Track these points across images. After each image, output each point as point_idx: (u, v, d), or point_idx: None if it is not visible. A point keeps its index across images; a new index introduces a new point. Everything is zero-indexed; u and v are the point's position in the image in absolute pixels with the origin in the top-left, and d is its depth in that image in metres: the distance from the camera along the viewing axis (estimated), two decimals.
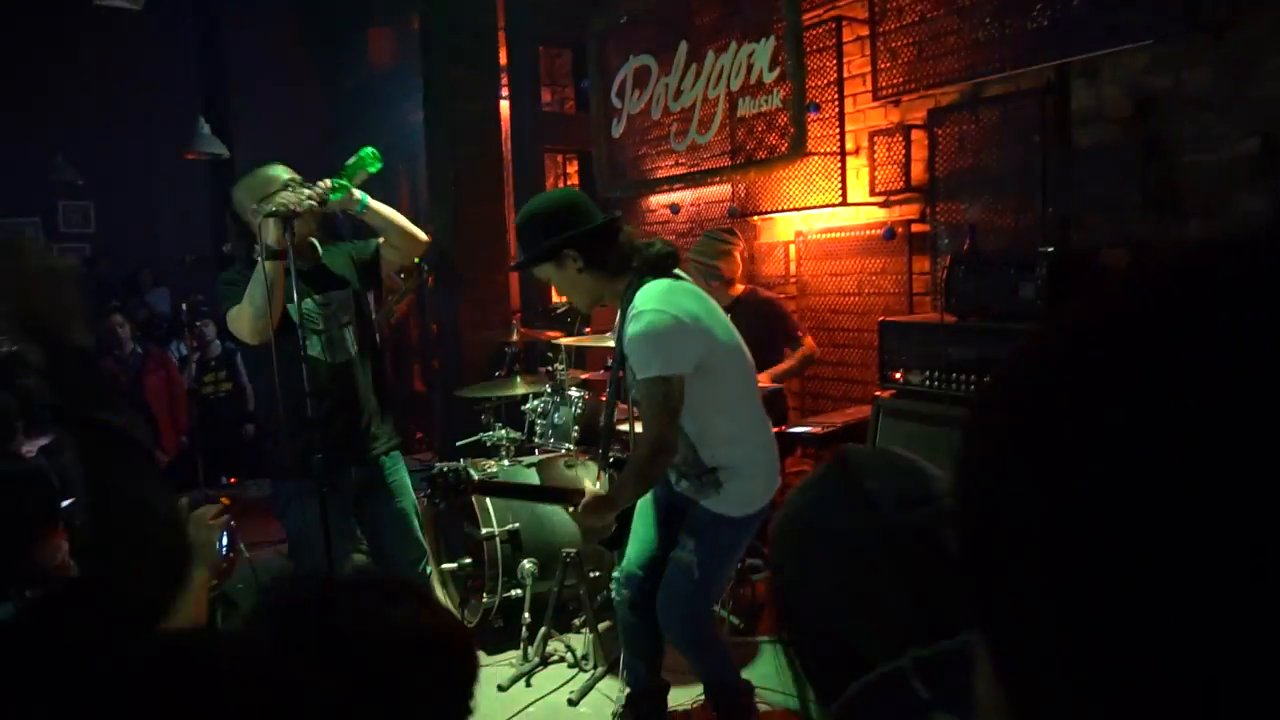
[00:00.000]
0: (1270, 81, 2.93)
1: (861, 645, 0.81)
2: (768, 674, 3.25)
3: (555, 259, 2.51)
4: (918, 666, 0.77)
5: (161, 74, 9.75)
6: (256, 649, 0.77)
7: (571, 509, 2.56)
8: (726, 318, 2.62)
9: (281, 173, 2.83)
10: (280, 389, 2.62)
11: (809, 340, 4.24)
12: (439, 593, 3.77)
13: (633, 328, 2.38)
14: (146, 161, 9.78)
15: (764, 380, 3.86)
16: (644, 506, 2.76)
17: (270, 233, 2.62)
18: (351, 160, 2.79)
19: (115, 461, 1.17)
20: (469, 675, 0.89)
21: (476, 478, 2.78)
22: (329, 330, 2.82)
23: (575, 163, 6.67)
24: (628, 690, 2.87)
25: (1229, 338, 0.27)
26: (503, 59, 6.27)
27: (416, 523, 3.00)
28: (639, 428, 3.73)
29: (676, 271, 2.57)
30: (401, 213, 3.00)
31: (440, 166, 5.81)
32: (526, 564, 3.57)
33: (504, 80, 6.30)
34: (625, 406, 2.93)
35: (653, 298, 2.41)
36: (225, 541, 1.66)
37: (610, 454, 2.84)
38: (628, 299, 2.46)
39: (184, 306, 6.83)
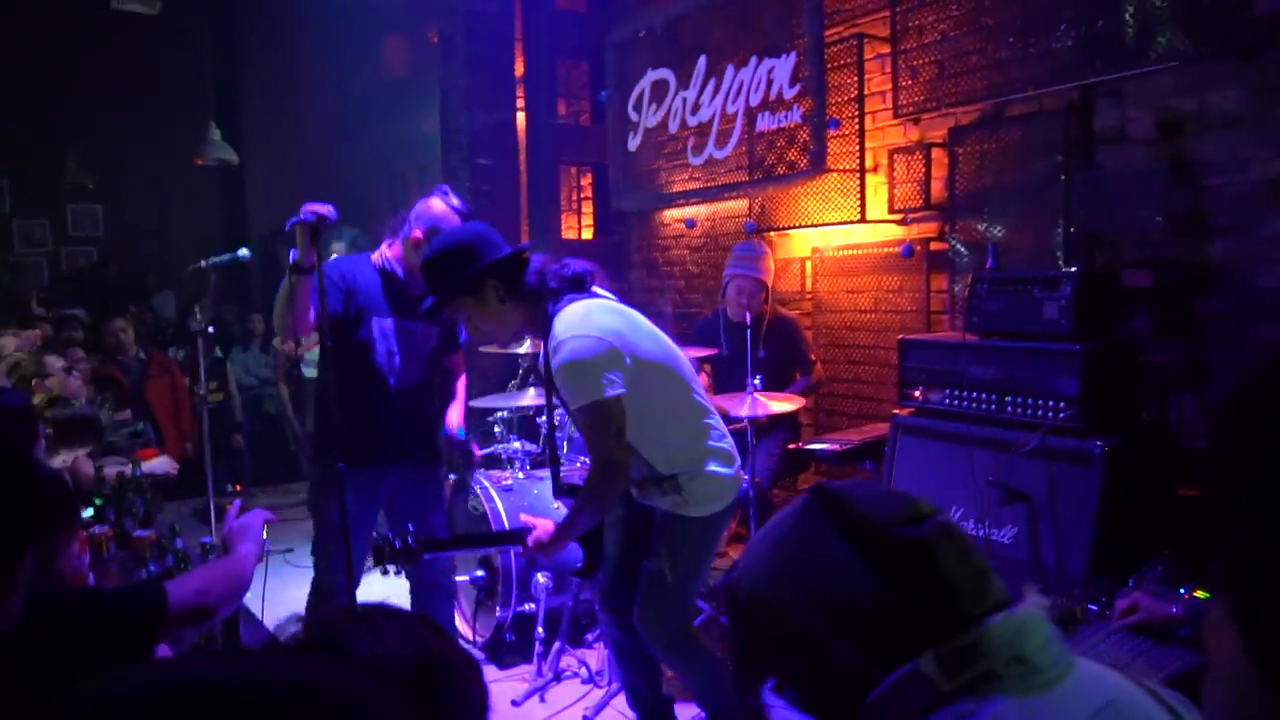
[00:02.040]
0: None
1: (874, 659, 0.87)
2: None
3: (475, 292, 2.46)
4: (937, 660, 0.84)
5: (175, 79, 9.79)
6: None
7: (523, 548, 2.53)
8: (650, 324, 2.60)
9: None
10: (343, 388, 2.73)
11: (819, 366, 4.26)
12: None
13: (557, 359, 2.35)
14: (157, 166, 9.80)
15: (774, 399, 3.84)
16: (610, 525, 2.73)
17: (297, 242, 2.63)
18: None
19: None
20: (483, 701, 0.88)
21: (416, 541, 2.55)
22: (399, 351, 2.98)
23: (590, 175, 6.67)
24: (635, 716, 2.84)
25: None
26: (519, 70, 6.27)
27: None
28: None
29: (595, 289, 2.55)
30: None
31: (455, 177, 5.81)
32: (540, 578, 3.54)
33: (520, 91, 6.30)
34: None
35: (571, 325, 2.37)
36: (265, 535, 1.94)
37: (561, 480, 2.85)
38: (547, 327, 2.42)
39: (196, 311, 6.82)
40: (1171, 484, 2.93)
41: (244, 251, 4.28)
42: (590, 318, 2.39)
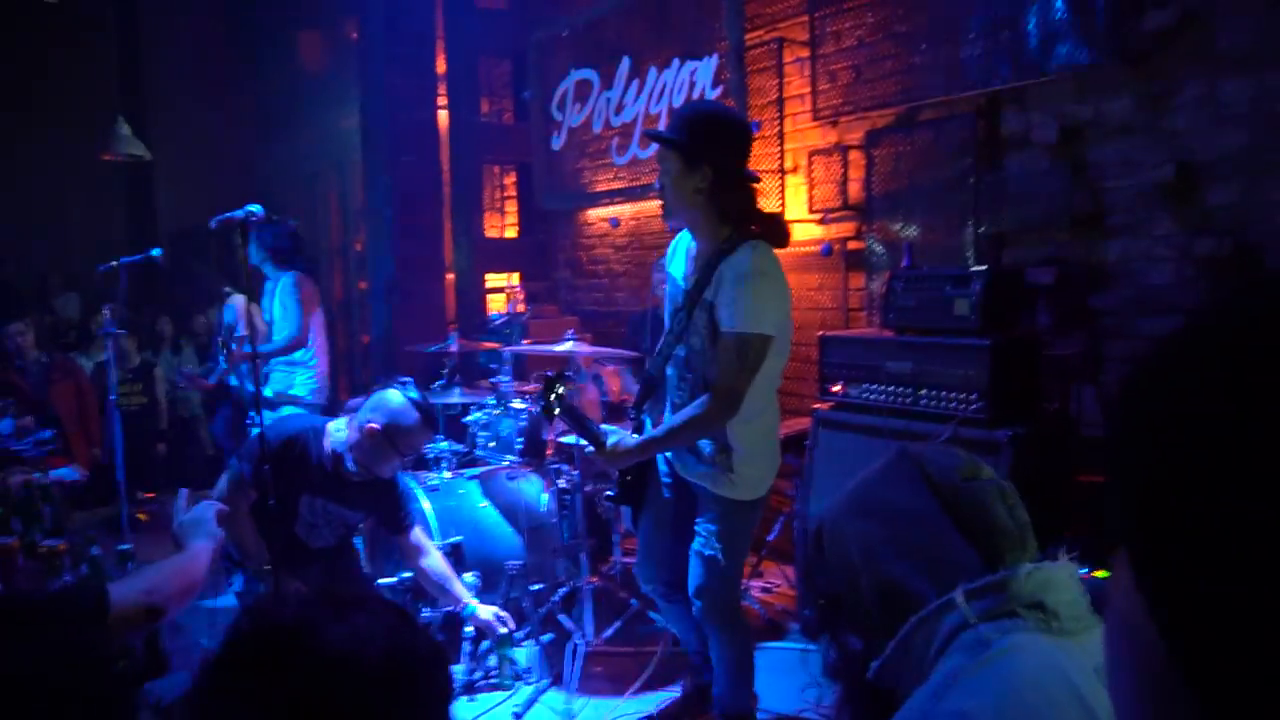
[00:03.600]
0: (1183, 112, 3.12)
1: (913, 592, 1.00)
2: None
3: (690, 161, 2.44)
4: (967, 595, 0.96)
5: (77, 70, 9.38)
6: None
7: (598, 450, 2.59)
8: None
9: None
10: None
11: None
12: None
13: (745, 270, 2.38)
14: (59, 162, 9.37)
15: None
16: (650, 504, 2.80)
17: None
18: None
19: None
20: (449, 690, 0.90)
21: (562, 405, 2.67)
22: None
23: (514, 174, 6.65)
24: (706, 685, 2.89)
25: None
26: (441, 68, 6.22)
27: None
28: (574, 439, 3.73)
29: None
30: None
31: (377, 174, 5.73)
32: (469, 577, 3.53)
33: (442, 89, 6.25)
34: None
35: (773, 260, 2.45)
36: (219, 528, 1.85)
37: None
38: (727, 249, 2.45)
39: (106, 313, 6.55)
40: (1073, 470, 3.09)
41: (156, 252, 4.15)
42: (776, 267, 2.46)
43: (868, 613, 1.05)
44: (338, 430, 2.92)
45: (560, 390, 2.61)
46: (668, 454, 2.71)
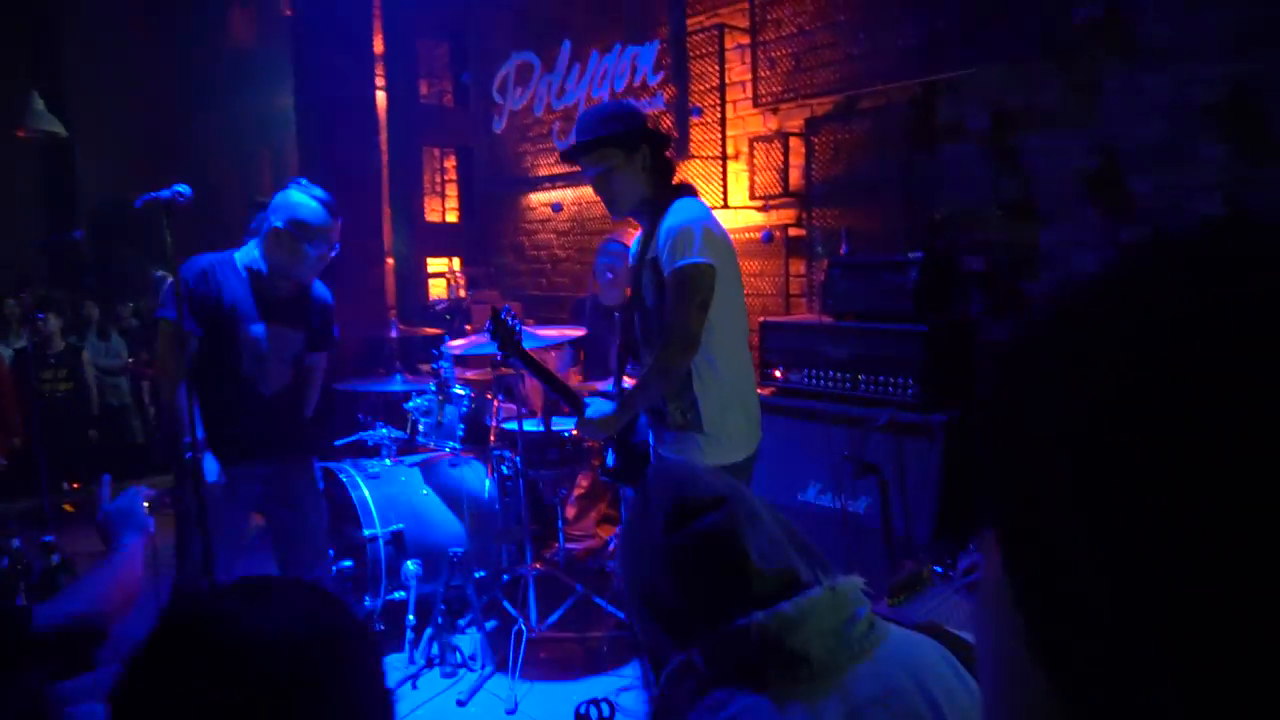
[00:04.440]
0: (1107, 103, 3.23)
1: (669, 637, 0.95)
2: None
3: (630, 148, 2.55)
4: (702, 652, 0.90)
5: None
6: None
7: (579, 420, 2.63)
8: None
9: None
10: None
11: None
12: None
13: (677, 219, 2.47)
14: None
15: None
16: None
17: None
18: None
19: None
20: (378, 667, 0.90)
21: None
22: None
23: (453, 157, 6.56)
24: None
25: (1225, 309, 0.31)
26: (378, 48, 6.09)
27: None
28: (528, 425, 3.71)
29: None
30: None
31: (312, 156, 5.60)
32: (410, 565, 3.50)
33: (379, 70, 6.12)
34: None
35: (693, 208, 2.54)
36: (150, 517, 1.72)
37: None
38: (658, 209, 2.56)
39: (25, 298, 6.30)
40: None
41: (78, 233, 4.00)
42: (709, 213, 2.57)
43: (651, 650, 1.02)
44: (247, 250, 2.92)
45: (510, 326, 2.76)
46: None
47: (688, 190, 2.65)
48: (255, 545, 3.26)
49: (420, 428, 4.00)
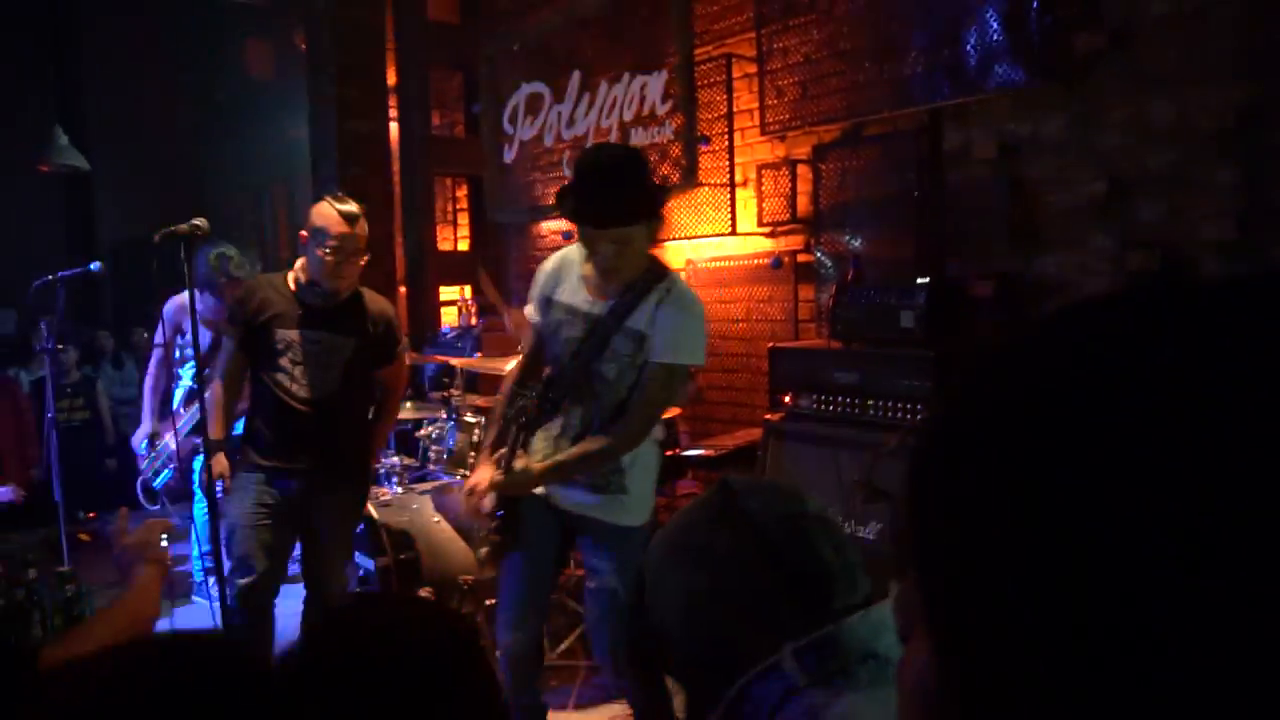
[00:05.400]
0: (1114, 130, 3.24)
1: (740, 646, 0.91)
2: None
3: (651, 222, 2.33)
4: (795, 654, 0.89)
5: (11, 78, 9.12)
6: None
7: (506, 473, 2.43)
8: None
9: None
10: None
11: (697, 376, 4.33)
12: None
13: (688, 310, 2.39)
14: None
15: None
16: (526, 540, 2.56)
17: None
18: None
19: None
20: (498, 685, 0.94)
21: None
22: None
23: (465, 186, 6.63)
24: None
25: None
26: (391, 79, 6.19)
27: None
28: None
29: None
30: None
31: (325, 187, 5.67)
32: (423, 593, 3.51)
33: (392, 101, 6.21)
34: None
35: (689, 290, 2.46)
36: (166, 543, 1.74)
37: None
38: (653, 277, 2.40)
39: (43, 329, 6.37)
40: None
41: (95, 265, 4.06)
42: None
43: (693, 669, 0.99)
44: (293, 269, 3.05)
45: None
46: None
47: (665, 266, 2.49)
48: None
49: (430, 455, 4.03)
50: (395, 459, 4.10)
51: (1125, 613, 0.29)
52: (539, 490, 2.51)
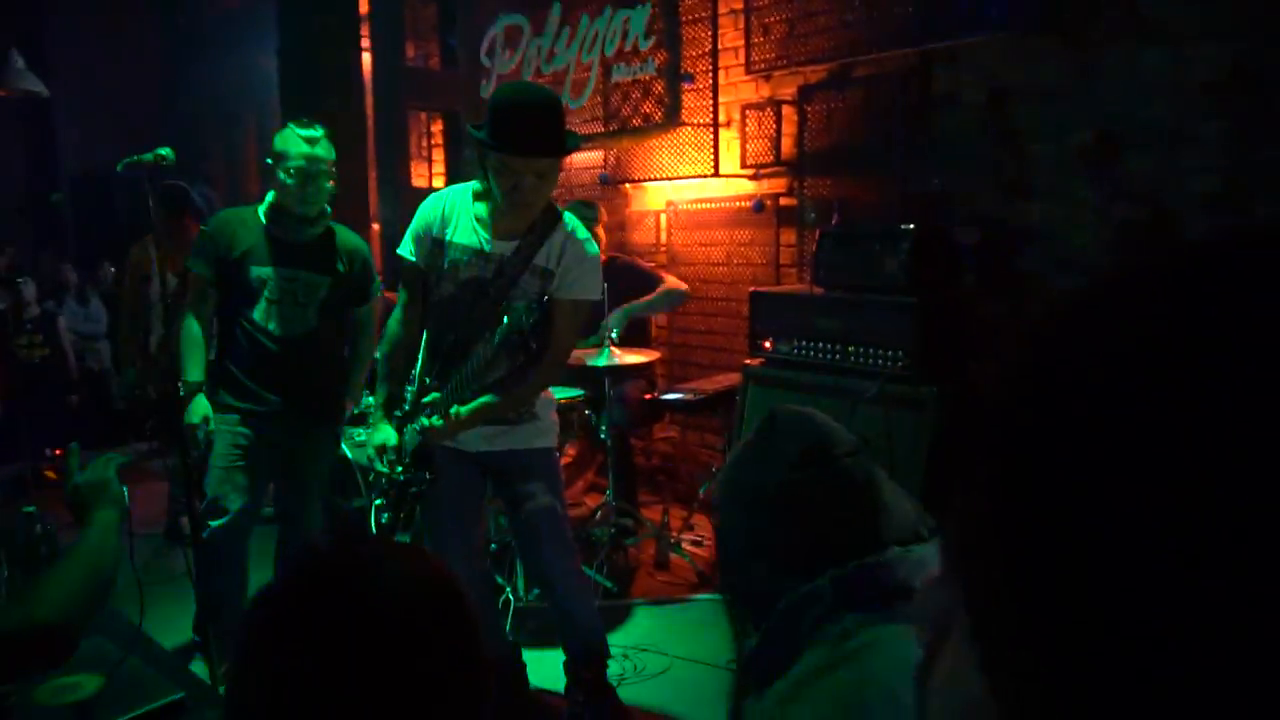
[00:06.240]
0: (1107, 80, 3.19)
1: (773, 583, 0.98)
2: (639, 636, 3.33)
3: (568, 153, 2.48)
4: (833, 582, 0.94)
5: None
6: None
7: (423, 429, 2.49)
8: None
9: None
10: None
11: (669, 278, 4.17)
12: None
13: (586, 247, 2.49)
14: None
15: (629, 353, 3.90)
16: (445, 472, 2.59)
17: None
18: None
19: None
20: (479, 632, 0.92)
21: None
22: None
23: (440, 122, 6.46)
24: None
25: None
26: (363, 7, 5.97)
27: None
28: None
29: None
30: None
31: (296, 120, 5.50)
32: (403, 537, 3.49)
33: (365, 31, 6.00)
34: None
35: (586, 230, 2.56)
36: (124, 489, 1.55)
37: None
38: (553, 216, 2.50)
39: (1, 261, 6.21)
40: None
41: (56, 196, 3.91)
42: None
43: (746, 594, 1.04)
44: (265, 201, 2.97)
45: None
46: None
47: (558, 206, 2.58)
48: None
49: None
50: (371, 400, 4.04)
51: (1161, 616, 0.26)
52: (446, 442, 2.55)
